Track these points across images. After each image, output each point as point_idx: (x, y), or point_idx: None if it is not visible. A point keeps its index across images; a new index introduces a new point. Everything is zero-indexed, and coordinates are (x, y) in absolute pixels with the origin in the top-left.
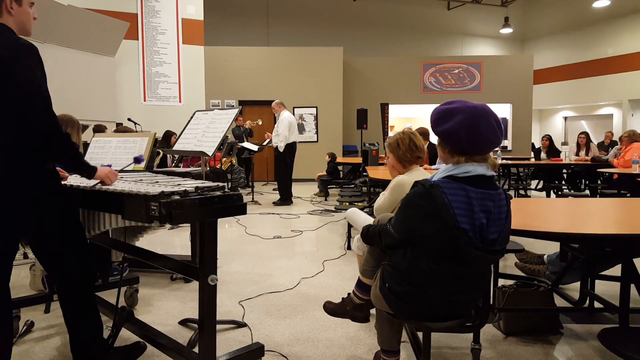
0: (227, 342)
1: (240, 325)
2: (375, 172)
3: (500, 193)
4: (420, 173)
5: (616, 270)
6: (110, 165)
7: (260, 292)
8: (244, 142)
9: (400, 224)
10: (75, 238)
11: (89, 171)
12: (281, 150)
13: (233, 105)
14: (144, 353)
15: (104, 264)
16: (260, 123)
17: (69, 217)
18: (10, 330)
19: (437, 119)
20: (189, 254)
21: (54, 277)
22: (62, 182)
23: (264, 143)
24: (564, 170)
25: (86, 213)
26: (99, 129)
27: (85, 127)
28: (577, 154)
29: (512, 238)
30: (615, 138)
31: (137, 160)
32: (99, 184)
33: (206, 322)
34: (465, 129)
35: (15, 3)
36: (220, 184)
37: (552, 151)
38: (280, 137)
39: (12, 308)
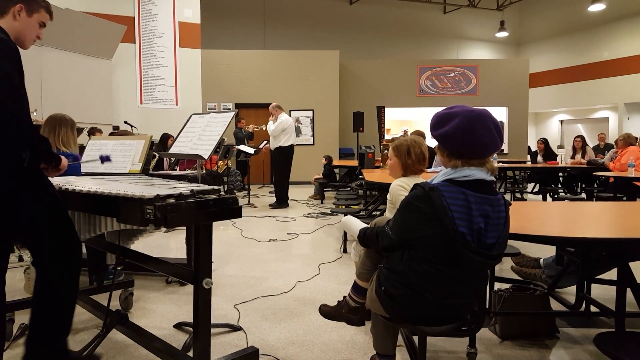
0: (222, 345)
1: (236, 328)
2: (371, 175)
3: (499, 199)
4: (412, 180)
5: (612, 274)
6: (108, 156)
7: (256, 296)
8: (245, 144)
9: (398, 226)
10: (63, 236)
11: (55, 160)
12: (271, 147)
13: (229, 109)
14: (139, 358)
15: (99, 267)
16: (264, 128)
17: (56, 210)
18: (3, 334)
19: (436, 122)
20: (185, 257)
21: (38, 268)
22: (57, 185)
23: (260, 146)
24: (560, 174)
25: (81, 216)
26: (93, 132)
27: (80, 130)
28: (573, 157)
29: (508, 242)
30: (611, 141)
31: (102, 159)
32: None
33: (201, 325)
34: (462, 132)
35: (26, 13)
36: (216, 187)
37: (548, 154)
38: (271, 134)
39: (7, 311)
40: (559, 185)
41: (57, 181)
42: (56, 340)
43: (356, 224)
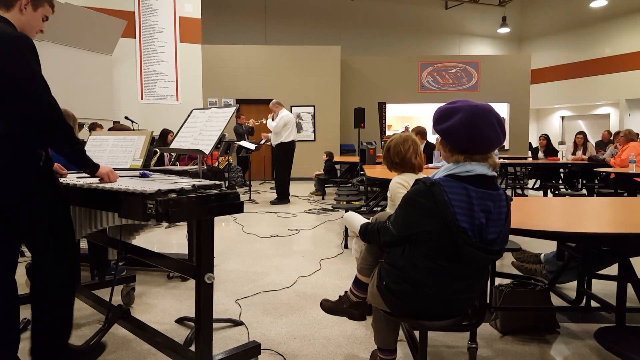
0: (223, 340)
1: (237, 323)
2: (372, 171)
3: (501, 194)
4: (412, 177)
5: (613, 270)
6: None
7: (257, 291)
8: (245, 140)
9: (400, 221)
10: (63, 237)
11: (91, 167)
12: (273, 143)
13: (230, 104)
14: (141, 352)
15: (100, 262)
16: (264, 122)
17: (60, 214)
18: (18, 327)
19: (439, 117)
20: (186, 252)
21: (32, 271)
22: (60, 180)
23: (262, 142)
24: (561, 170)
25: (83, 211)
26: (94, 127)
27: (81, 126)
28: (574, 154)
29: (509, 237)
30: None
31: (144, 175)
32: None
33: (203, 320)
34: (465, 127)
35: (32, 6)
36: (218, 182)
37: (550, 150)
38: (273, 131)
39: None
40: (560, 181)
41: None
42: (57, 339)
43: (358, 220)
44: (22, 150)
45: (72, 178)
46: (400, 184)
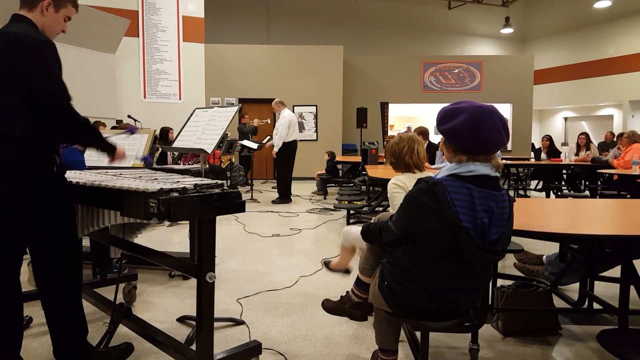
0: (224, 339)
1: (238, 322)
2: (374, 171)
3: (503, 194)
4: (412, 177)
5: (616, 272)
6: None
7: (259, 290)
8: (248, 139)
9: (402, 220)
10: (66, 237)
11: (111, 149)
12: (275, 149)
13: (233, 103)
14: (142, 351)
15: (102, 260)
16: (269, 122)
17: (65, 215)
18: (21, 324)
19: (443, 117)
20: (188, 251)
21: (38, 275)
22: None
23: (264, 141)
24: (564, 171)
25: (85, 209)
26: (97, 126)
27: None
28: (577, 155)
29: (511, 238)
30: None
31: (146, 160)
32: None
33: (204, 319)
34: (468, 127)
35: (53, 8)
36: (220, 182)
37: (552, 152)
38: (278, 135)
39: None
40: (563, 183)
41: None
42: (74, 336)
43: (356, 228)
44: (39, 153)
45: (74, 177)
46: (395, 184)
